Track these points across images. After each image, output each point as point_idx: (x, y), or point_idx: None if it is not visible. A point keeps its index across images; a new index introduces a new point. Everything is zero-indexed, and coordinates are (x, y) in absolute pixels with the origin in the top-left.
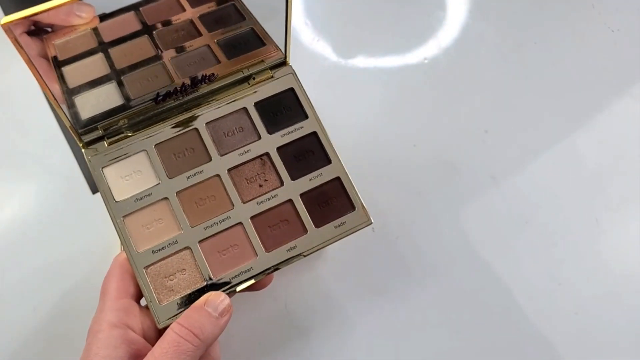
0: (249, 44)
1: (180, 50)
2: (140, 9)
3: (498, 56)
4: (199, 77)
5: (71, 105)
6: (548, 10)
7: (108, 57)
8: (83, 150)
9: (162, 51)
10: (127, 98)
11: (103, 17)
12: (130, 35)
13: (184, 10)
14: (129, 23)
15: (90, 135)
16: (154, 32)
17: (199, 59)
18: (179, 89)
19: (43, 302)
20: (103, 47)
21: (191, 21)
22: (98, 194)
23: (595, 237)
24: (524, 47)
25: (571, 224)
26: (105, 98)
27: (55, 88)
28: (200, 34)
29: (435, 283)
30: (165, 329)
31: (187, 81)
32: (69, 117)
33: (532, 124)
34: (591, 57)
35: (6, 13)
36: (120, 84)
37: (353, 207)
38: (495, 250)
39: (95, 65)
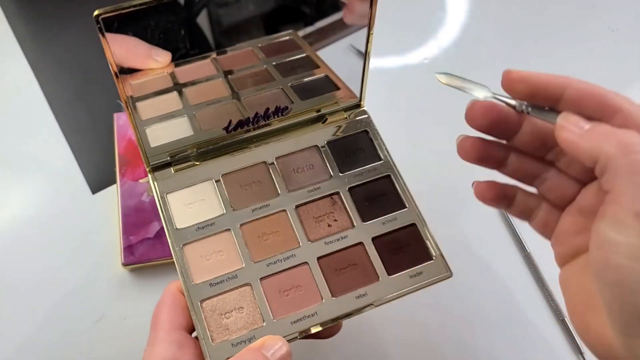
0: (322, 88)
1: (253, 91)
2: (217, 57)
3: (498, 56)
4: (272, 109)
5: (142, 134)
6: (548, 10)
7: (182, 95)
8: (149, 174)
9: (235, 91)
10: (196, 130)
11: (179, 63)
12: (205, 78)
13: (259, 59)
14: (205, 68)
15: (158, 161)
16: (228, 76)
17: (272, 99)
18: (251, 118)
19: (42, 303)
20: (178, 87)
21: (266, 69)
22: (98, 194)
23: None
24: (524, 47)
25: None
26: (176, 129)
27: None
28: (274, 79)
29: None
30: None
31: (260, 111)
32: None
33: None
34: (591, 57)
35: (6, 13)
36: (192, 118)
37: (430, 257)
38: (496, 250)
39: (169, 102)
